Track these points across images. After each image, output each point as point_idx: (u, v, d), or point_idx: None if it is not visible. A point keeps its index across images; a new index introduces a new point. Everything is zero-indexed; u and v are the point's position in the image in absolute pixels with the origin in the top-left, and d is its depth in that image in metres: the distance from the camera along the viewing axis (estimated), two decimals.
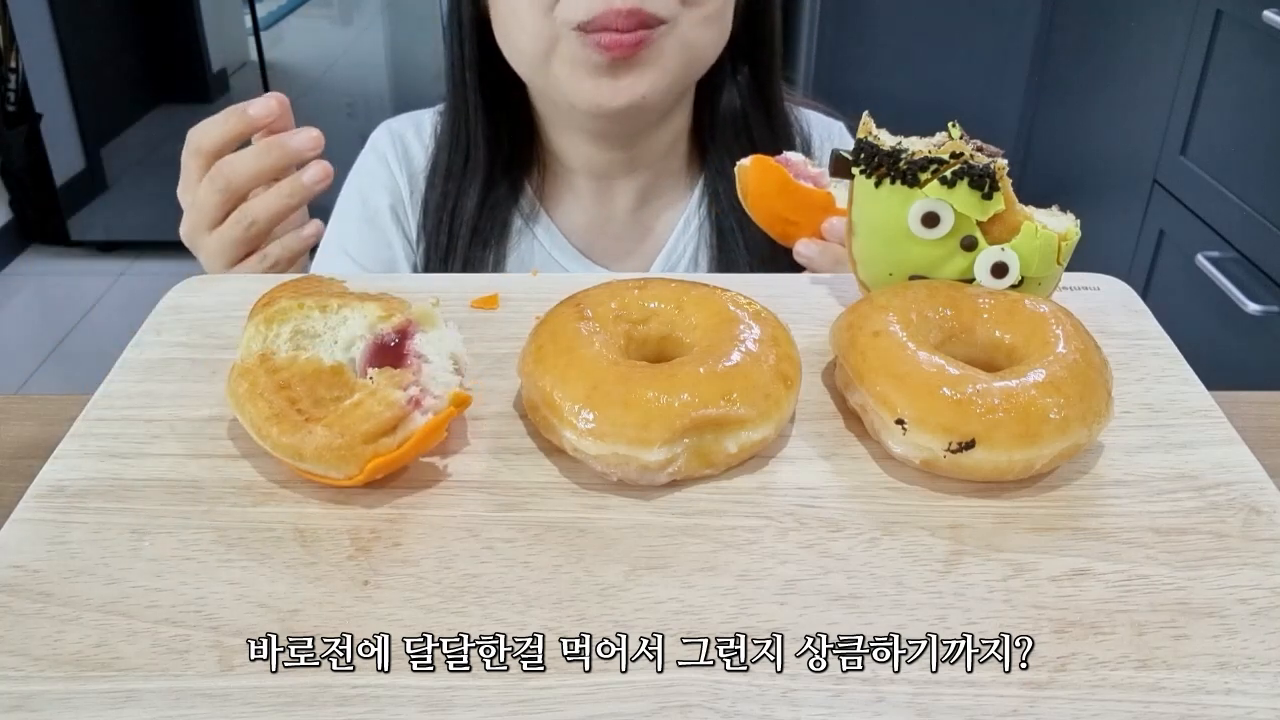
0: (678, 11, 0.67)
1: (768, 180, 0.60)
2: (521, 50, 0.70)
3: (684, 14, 0.68)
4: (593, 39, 0.66)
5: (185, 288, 0.53)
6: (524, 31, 0.69)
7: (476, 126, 0.77)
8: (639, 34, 0.66)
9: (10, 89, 2.47)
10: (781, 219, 0.62)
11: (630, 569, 0.36)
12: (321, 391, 0.40)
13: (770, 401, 0.40)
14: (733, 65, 0.78)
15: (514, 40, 0.71)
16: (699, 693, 0.32)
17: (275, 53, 2.53)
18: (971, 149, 0.45)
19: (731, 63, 0.77)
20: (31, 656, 0.33)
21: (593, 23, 0.65)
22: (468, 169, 0.78)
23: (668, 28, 0.67)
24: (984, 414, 0.38)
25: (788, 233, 0.62)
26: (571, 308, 0.44)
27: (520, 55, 0.71)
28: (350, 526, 0.38)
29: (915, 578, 0.36)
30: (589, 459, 0.40)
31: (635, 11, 0.65)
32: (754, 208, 0.62)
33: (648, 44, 0.66)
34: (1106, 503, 0.39)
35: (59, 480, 0.40)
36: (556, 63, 0.69)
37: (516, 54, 0.72)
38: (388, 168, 0.82)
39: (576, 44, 0.66)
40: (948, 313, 0.44)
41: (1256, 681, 0.33)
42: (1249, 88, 1.39)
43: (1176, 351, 0.48)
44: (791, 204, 0.61)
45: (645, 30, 0.66)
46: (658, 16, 0.66)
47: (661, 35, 0.67)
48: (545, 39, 0.68)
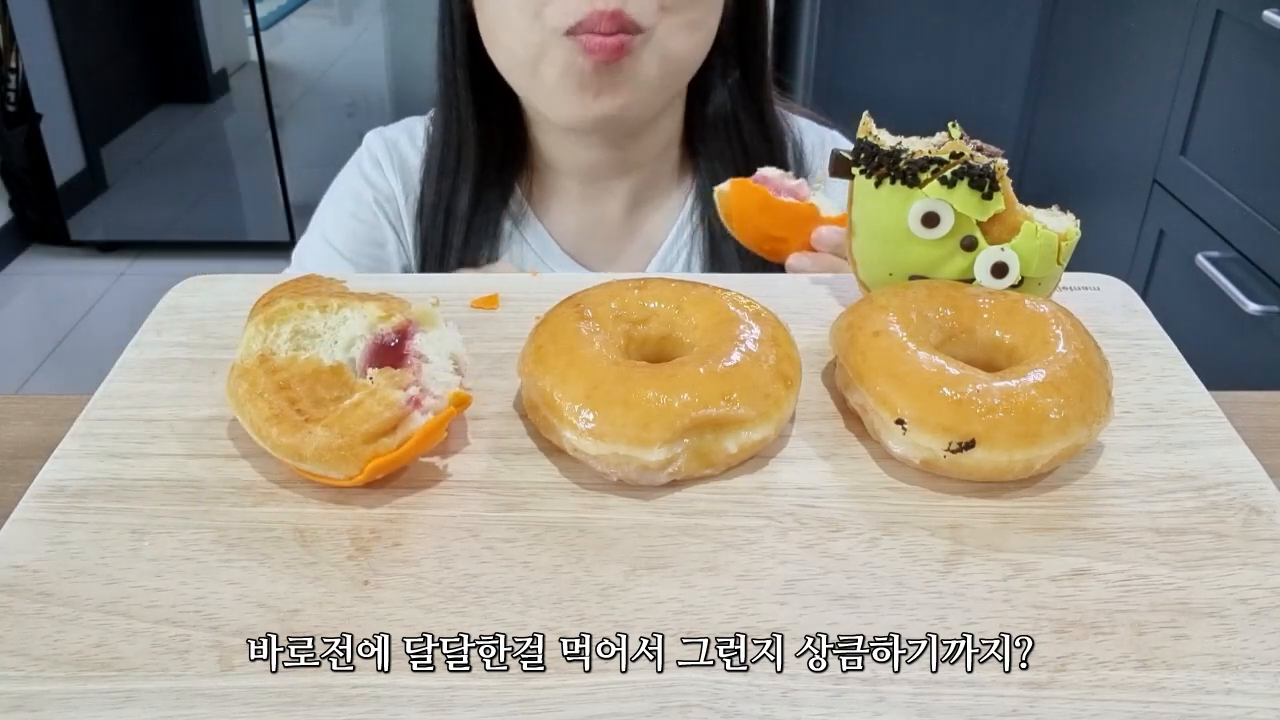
0: (657, 19, 0.67)
1: (748, 201, 0.60)
2: (510, 53, 0.71)
3: (663, 21, 0.68)
4: (579, 42, 0.66)
5: (185, 288, 0.53)
6: (514, 36, 0.69)
7: (468, 124, 0.77)
8: (620, 38, 0.66)
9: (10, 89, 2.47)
10: (769, 237, 0.62)
11: (630, 569, 0.36)
12: (321, 392, 0.40)
13: (770, 401, 0.40)
14: (723, 69, 0.78)
15: (502, 43, 0.71)
16: (699, 693, 0.32)
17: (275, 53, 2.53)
18: (971, 149, 0.45)
19: (722, 66, 0.77)
20: (31, 656, 0.33)
21: (579, 26, 0.66)
22: (460, 166, 0.78)
23: (645, 37, 0.68)
24: (984, 414, 0.38)
25: (777, 249, 0.62)
26: (571, 308, 0.44)
27: (509, 59, 0.72)
28: (350, 526, 0.38)
29: (915, 578, 0.36)
30: (589, 459, 0.40)
31: (617, 14, 0.66)
32: (739, 230, 0.62)
33: (628, 50, 0.67)
34: (1106, 503, 0.39)
35: (59, 480, 0.40)
36: (545, 68, 0.69)
37: (505, 56, 0.72)
38: (381, 171, 0.82)
39: (564, 49, 0.67)
40: (948, 313, 0.44)
41: (1256, 681, 0.33)
42: (1249, 88, 1.39)
43: (1176, 351, 0.48)
44: (776, 221, 0.61)
45: (626, 35, 0.67)
46: (637, 23, 0.67)
47: (640, 44, 0.68)
48: (534, 45, 0.68)
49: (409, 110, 0.87)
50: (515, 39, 0.69)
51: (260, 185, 2.60)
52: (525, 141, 0.80)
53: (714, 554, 0.37)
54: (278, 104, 2.48)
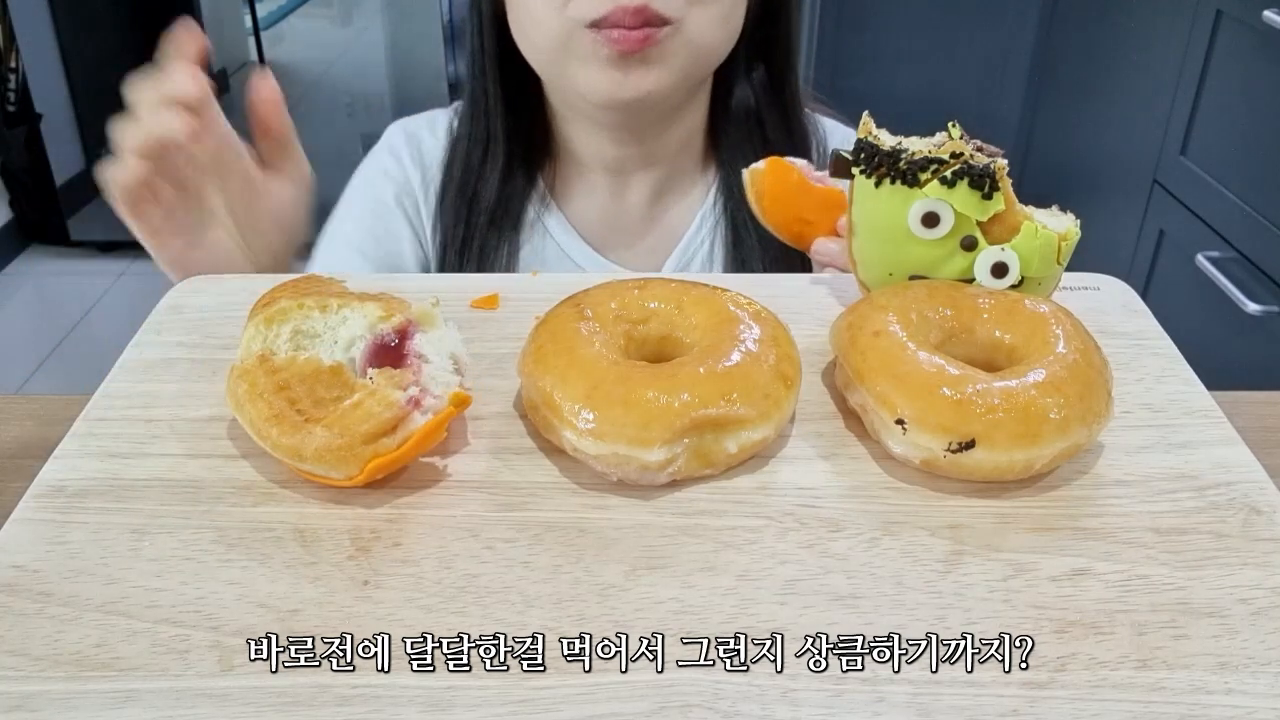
0: (685, 12, 0.68)
1: (786, 181, 0.60)
2: (536, 46, 0.72)
3: (691, 14, 0.69)
4: (604, 34, 0.67)
5: (185, 288, 0.53)
6: (538, 28, 0.70)
7: (496, 119, 0.78)
8: (645, 31, 0.67)
9: (10, 89, 2.47)
10: (799, 220, 0.62)
11: (630, 569, 0.36)
12: (321, 392, 0.40)
13: (770, 401, 0.40)
14: (748, 64, 0.78)
15: (529, 36, 0.72)
16: (699, 693, 0.32)
17: (275, 53, 2.53)
18: (971, 149, 0.45)
19: (747, 61, 0.78)
20: (31, 656, 0.33)
21: (604, 20, 0.67)
22: (487, 160, 0.79)
23: (674, 28, 0.68)
24: (984, 414, 0.38)
25: (803, 234, 0.62)
26: (571, 308, 0.44)
27: (535, 50, 0.73)
28: (350, 526, 0.38)
29: (915, 578, 0.36)
30: (589, 459, 0.39)
31: (642, 9, 0.66)
32: (769, 210, 0.62)
33: (654, 42, 0.68)
34: (1107, 503, 0.39)
35: (59, 480, 0.40)
36: (570, 58, 0.70)
37: (532, 49, 0.73)
38: (400, 164, 0.83)
39: (588, 40, 0.68)
40: (948, 313, 0.44)
41: (1256, 681, 0.33)
42: (1249, 88, 1.39)
43: (1176, 351, 0.48)
44: (810, 203, 0.61)
45: (651, 29, 0.67)
46: (663, 16, 0.67)
47: (668, 35, 0.68)
48: (559, 35, 0.69)
49: (409, 110, 0.88)
50: (540, 31, 0.70)
51: None
52: (550, 134, 0.81)
53: (714, 554, 0.37)
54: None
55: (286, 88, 0.64)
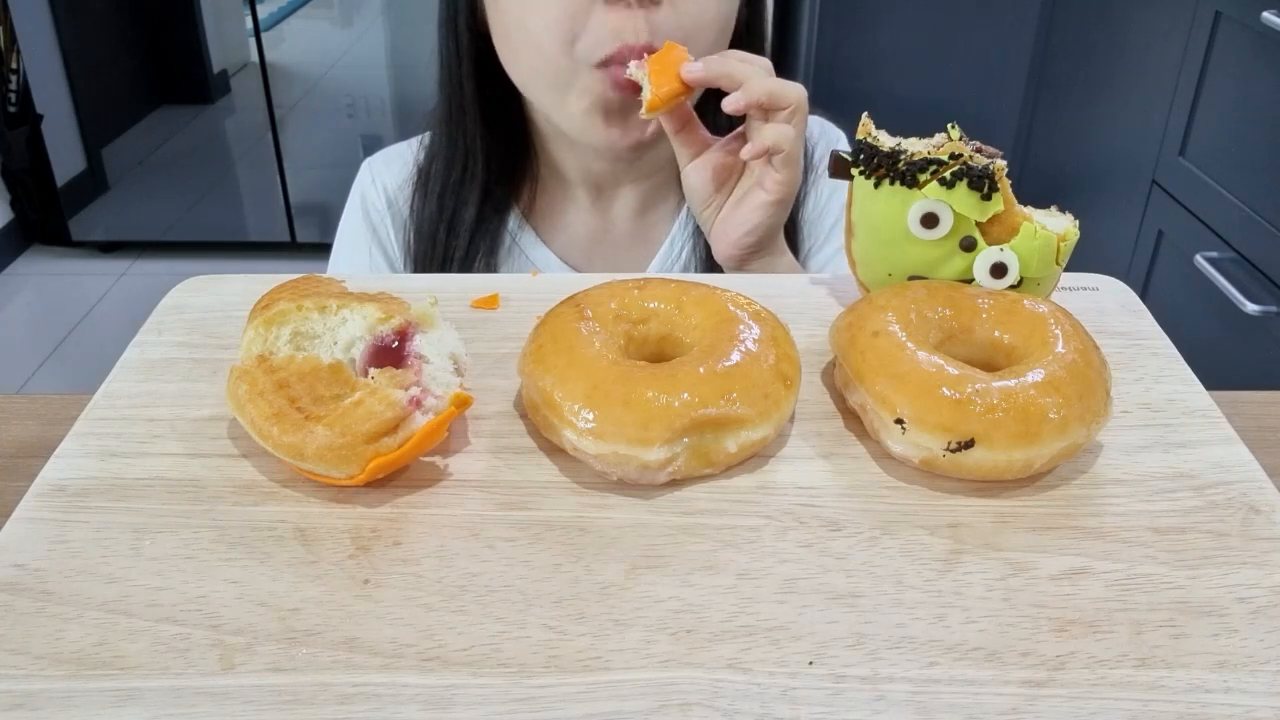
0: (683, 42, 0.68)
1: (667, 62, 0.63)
2: (535, 72, 0.71)
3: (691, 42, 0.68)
4: (610, 74, 0.67)
5: (186, 288, 0.53)
6: (542, 60, 0.69)
7: (475, 138, 0.77)
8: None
9: (11, 90, 2.47)
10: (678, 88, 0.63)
11: (630, 568, 0.36)
12: (321, 389, 0.40)
13: (770, 401, 0.40)
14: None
15: (526, 62, 0.71)
16: (699, 691, 0.32)
17: (276, 54, 2.53)
18: (971, 150, 0.45)
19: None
20: (32, 655, 0.33)
21: (610, 59, 0.66)
22: (465, 180, 0.78)
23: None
24: (983, 414, 0.39)
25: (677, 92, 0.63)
26: (571, 308, 0.44)
27: (532, 76, 0.72)
28: (351, 526, 0.38)
29: (915, 576, 0.36)
30: (589, 458, 0.40)
31: (648, 47, 0.66)
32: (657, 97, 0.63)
33: None
34: (1105, 502, 0.40)
35: (60, 480, 0.40)
36: (573, 97, 0.70)
37: (527, 74, 0.72)
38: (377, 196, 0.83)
39: (595, 81, 0.68)
40: (947, 313, 0.44)
41: (1255, 680, 0.33)
42: (1248, 88, 1.39)
43: (1175, 351, 0.48)
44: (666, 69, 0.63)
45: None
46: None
47: None
48: (563, 73, 0.69)
49: (409, 110, 0.87)
50: (543, 63, 0.69)
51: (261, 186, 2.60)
52: (530, 151, 0.80)
53: (714, 553, 0.37)
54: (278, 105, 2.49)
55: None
